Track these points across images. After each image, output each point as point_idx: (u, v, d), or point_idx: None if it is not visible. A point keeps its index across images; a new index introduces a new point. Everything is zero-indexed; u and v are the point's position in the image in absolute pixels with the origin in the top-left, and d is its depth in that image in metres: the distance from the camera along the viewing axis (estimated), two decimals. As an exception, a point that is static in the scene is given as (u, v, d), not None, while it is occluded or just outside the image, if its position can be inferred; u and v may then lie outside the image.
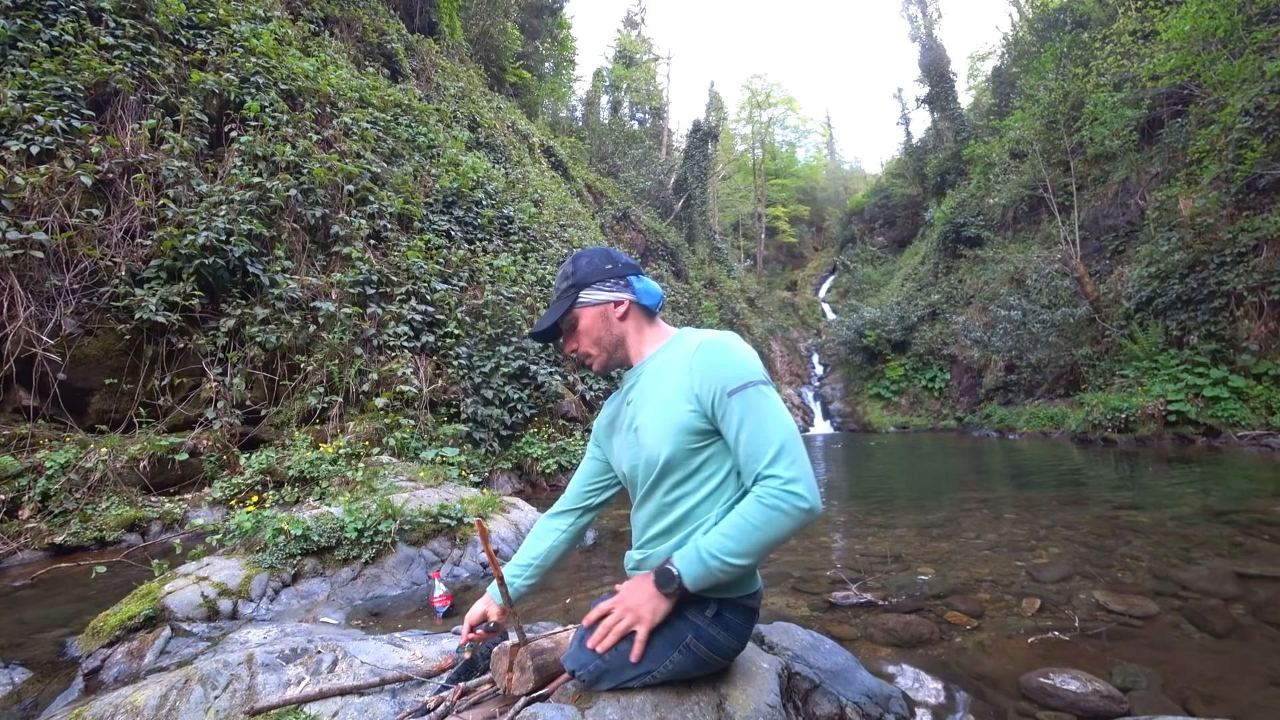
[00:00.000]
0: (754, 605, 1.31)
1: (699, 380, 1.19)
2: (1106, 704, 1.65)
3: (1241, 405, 8.33)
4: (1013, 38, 24.42)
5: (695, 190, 25.66)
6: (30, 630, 2.43)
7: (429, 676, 1.58)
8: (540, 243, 10.21)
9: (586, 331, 1.35)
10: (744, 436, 1.14)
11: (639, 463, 1.28)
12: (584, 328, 1.35)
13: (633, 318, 1.36)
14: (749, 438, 1.14)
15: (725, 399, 1.16)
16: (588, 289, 1.34)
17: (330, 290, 6.02)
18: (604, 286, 1.34)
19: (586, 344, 1.36)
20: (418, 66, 12.61)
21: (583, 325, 1.35)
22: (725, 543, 1.11)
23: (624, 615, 1.21)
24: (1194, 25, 10.34)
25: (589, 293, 1.34)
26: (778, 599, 2.69)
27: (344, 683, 1.57)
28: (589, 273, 1.35)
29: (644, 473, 1.27)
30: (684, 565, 1.15)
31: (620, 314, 1.35)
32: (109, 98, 5.51)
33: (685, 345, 1.28)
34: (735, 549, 1.10)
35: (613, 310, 1.35)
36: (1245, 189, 9.48)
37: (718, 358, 1.20)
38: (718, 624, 1.25)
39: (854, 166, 54.38)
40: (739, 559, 1.11)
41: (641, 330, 1.37)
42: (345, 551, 3.01)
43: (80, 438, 4.37)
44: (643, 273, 1.41)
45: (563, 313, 1.34)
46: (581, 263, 1.37)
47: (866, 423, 18.13)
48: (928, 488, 6.42)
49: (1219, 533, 3.45)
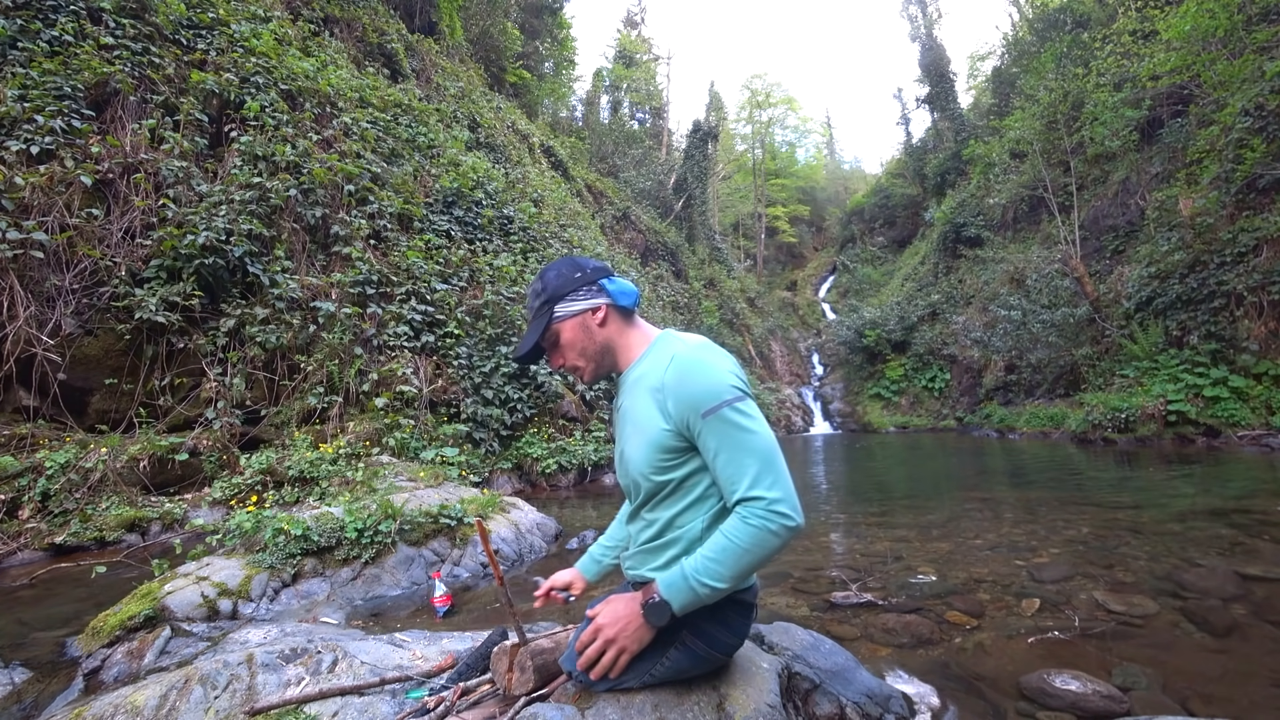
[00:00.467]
0: (751, 600, 1.32)
1: (672, 401, 1.17)
2: (1107, 704, 1.65)
3: (1241, 405, 8.33)
4: (1013, 38, 24.41)
5: (695, 190, 25.66)
6: (30, 630, 2.43)
7: (429, 676, 1.58)
8: (540, 243, 10.21)
9: (570, 345, 1.32)
10: (721, 460, 1.14)
11: (629, 483, 1.32)
12: (566, 341, 1.32)
13: (613, 321, 1.33)
14: (726, 462, 1.13)
15: (699, 420, 1.14)
16: (561, 301, 1.30)
17: (330, 290, 6.02)
18: (578, 296, 1.31)
19: (573, 357, 1.33)
20: (418, 66, 12.61)
21: (565, 339, 1.32)
22: (713, 568, 1.11)
23: (605, 646, 1.19)
24: (1194, 25, 10.34)
25: (564, 305, 1.30)
26: (778, 599, 2.69)
27: (344, 683, 1.57)
28: (560, 284, 1.31)
29: (633, 492, 1.31)
30: (672, 594, 1.14)
31: (599, 320, 1.31)
32: (109, 98, 5.51)
33: (661, 356, 1.25)
34: (723, 573, 1.11)
35: (591, 318, 1.31)
36: (1245, 189, 9.48)
37: (689, 376, 1.16)
38: (715, 621, 1.25)
39: (854, 166, 54.43)
40: (726, 583, 1.11)
41: (624, 333, 1.34)
42: (345, 551, 3.01)
43: (80, 438, 4.37)
44: (613, 273, 1.39)
45: (541, 331, 1.30)
46: (550, 276, 1.33)
47: (866, 423, 18.13)
48: (928, 488, 6.42)
49: (1219, 533, 3.45)
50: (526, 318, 1.34)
